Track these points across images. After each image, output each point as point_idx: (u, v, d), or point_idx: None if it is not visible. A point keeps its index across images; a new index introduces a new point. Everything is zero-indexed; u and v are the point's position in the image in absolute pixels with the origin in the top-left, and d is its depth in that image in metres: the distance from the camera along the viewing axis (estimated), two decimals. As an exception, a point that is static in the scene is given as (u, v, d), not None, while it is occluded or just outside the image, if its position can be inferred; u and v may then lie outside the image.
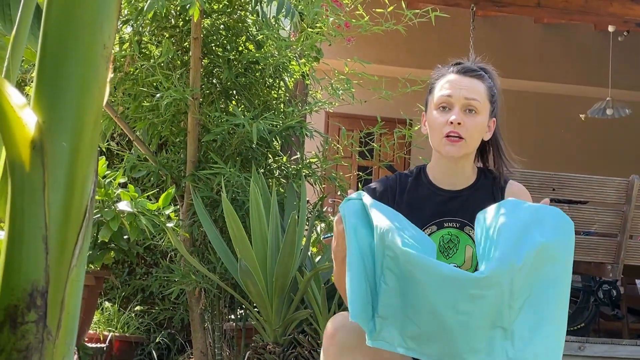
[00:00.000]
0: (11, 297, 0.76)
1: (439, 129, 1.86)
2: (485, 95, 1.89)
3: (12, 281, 0.76)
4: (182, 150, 3.43)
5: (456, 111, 1.85)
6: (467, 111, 1.86)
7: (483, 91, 1.89)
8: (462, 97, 1.86)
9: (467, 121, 1.85)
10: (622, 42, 8.35)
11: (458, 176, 1.93)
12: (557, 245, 1.58)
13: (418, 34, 5.14)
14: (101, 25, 0.81)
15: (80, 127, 0.80)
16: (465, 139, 1.84)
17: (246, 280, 2.86)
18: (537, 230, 1.56)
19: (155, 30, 3.48)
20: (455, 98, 1.86)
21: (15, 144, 0.78)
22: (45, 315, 0.77)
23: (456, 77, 1.90)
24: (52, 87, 0.79)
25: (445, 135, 1.84)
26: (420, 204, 1.91)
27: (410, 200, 1.91)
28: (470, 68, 1.92)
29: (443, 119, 1.86)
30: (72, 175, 0.79)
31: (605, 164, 8.47)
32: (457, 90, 1.86)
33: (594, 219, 4.54)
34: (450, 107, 1.86)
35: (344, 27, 3.61)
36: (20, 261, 0.77)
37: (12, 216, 0.78)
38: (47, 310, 0.77)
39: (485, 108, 1.89)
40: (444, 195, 1.91)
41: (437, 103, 1.89)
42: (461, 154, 1.87)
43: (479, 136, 1.90)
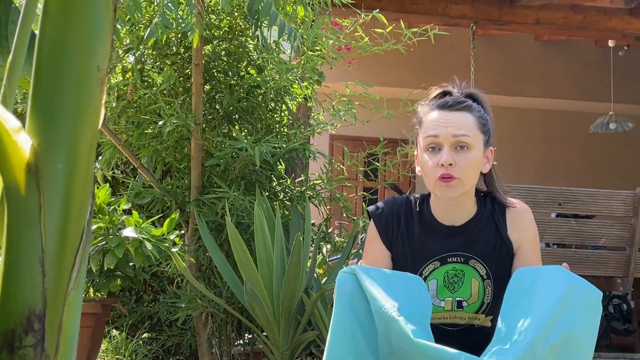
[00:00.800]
0: (8, 321, 0.75)
1: (431, 173, 1.77)
2: (475, 127, 1.78)
3: (9, 305, 0.76)
4: (186, 176, 3.44)
5: (446, 151, 1.74)
6: (458, 148, 1.75)
7: (472, 123, 1.78)
8: (450, 135, 1.75)
9: (459, 159, 1.75)
10: (623, 56, 8.39)
11: (458, 212, 1.85)
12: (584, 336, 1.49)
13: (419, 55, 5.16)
14: (94, 48, 0.82)
15: (76, 149, 0.80)
16: (459, 178, 1.75)
17: (252, 304, 2.85)
18: (566, 315, 1.47)
19: (157, 58, 3.50)
20: (443, 137, 1.75)
21: (11, 168, 0.78)
22: (43, 339, 0.76)
23: (441, 114, 1.78)
24: (46, 110, 0.79)
25: (439, 178, 1.75)
26: (422, 239, 1.85)
27: (413, 235, 1.86)
28: (455, 101, 1.80)
29: (434, 161, 1.76)
30: (68, 198, 0.79)
31: (611, 178, 8.47)
32: (444, 129, 1.75)
33: (602, 233, 4.53)
34: (440, 148, 1.76)
35: (344, 50, 3.63)
36: (17, 285, 0.76)
37: (8, 240, 0.78)
38: (44, 334, 0.77)
39: (477, 141, 1.78)
40: (445, 232, 1.84)
41: (425, 145, 1.79)
42: (458, 194, 1.77)
43: (475, 172, 1.79)
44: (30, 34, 1.02)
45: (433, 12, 5.68)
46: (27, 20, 0.98)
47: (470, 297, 1.82)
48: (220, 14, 3.50)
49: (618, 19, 5.79)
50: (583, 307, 1.50)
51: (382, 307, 1.50)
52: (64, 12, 0.81)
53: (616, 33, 6.09)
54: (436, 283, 1.82)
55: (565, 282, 1.52)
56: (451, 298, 1.82)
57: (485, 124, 1.81)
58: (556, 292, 1.49)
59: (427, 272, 1.83)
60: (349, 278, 1.59)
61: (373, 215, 1.91)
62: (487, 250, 1.82)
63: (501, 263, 1.82)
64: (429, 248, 1.83)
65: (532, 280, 1.55)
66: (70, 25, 0.81)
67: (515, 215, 1.86)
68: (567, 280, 1.52)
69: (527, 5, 5.72)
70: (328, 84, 3.72)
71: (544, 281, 1.52)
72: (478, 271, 1.81)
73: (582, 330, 1.49)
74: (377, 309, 1.51)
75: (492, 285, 1.82)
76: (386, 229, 1.88)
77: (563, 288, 1.50)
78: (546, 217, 4.52)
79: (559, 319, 1.45)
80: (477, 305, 1.83)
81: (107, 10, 0.83)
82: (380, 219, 1.89)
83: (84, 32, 0.82)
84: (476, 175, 1.81)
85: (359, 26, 3.55)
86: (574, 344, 1.46)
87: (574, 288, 1.51)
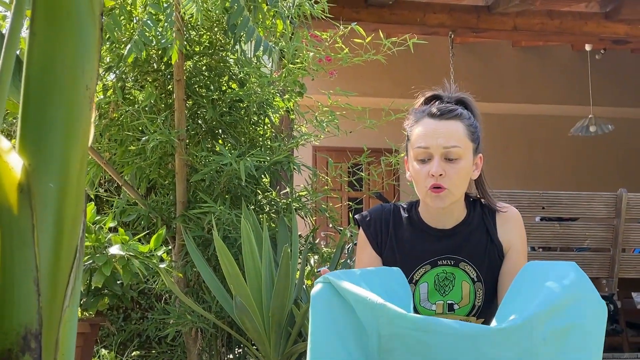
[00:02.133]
0: (5, 342, 0.76)
1: (422, 182, 1.78)
2: (465, 136, 1.78)
3: (4, 325, 0.76)
4: (171, 192, 3.44)
5: (436, 162, 1.75)
6: (448, 160, 1.76)
7: (462, 133, 1.78)
8: (440, 147, 1.75)
9: (449, 170, 1.75)
10: (600, 60, 8.50)
11: (447, 217, 1.86)
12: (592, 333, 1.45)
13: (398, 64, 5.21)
14: (83, 67, 0.82)
15: (67, 167, 0.81)
16: (448, 188, 1.76)
17: (242, 317, 2.85)
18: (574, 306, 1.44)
19: (137, 76, 3.50)
20: (434, 148, 1.76)
21: (3, 188, 0.79)
22: (40, 358, 0.76)
23: (431, 124, 1.78)
24: (36, 130, 0.80)
25: (429, 188, 1.76)
26: (412, 243, 1.86)
27: (403, 239, 1.87)
28: (446, 109, 1.80)
29: (424, 171, 1.77)
30: (60, 216, 0.80)
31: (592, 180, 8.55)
32: (434, 140, 1.76)
33: (586, 235, 4.57)
34: (430, 158, 1.77)
35: (325, 61, 3.65)
36: (12, 304, 0.77)
37: (2, 260, 0.78)
38: (41, 353, 0.77)
39: (467, 150, 1.79)
40: (436, 235, 1.85)
41: (415, 155, 1.80)
42: (447, 204, 1.79)
43: (464, 181, 1.81)
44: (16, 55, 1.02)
45: (412, 22, 5.73)
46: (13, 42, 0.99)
47: (461, 300, 1.83)
48: (200, 30, 3.51)
49: (594, 23, 5.87)
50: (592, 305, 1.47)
51: (366, 298, 1.47)
52: (51, 32, 0.82)
53: (593, 37, 6.17)
54: (427, 286, 1.83)
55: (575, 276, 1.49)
56: (442, 301, 1.83)
57: (474, 131, 1.82)
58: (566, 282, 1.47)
59: (418, 275, 1.84)
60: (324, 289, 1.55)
61: (361, 222, 1.92)
62: (477, 253, 1.83)
63: (491, 266, 1.84)
64: (419, 252, 1.84)
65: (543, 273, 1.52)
66: (57, 45, 0.82)
67: (506, 219, 1.88)
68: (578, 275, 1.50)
69: (504, 13, 5.78)
70: (310, 95, 3.74)
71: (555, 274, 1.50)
72: (468, 274, 1.83)
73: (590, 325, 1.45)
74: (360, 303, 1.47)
75: (482, 288, 1.83)
76: (375, 234, 1.89)
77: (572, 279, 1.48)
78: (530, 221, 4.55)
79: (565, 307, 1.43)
80: (468, 308, 1.84)
81: (93, 30, 0.84)
82: (368, 226, 1.90)
83: (72, 52, 0.82)
84: (465, 184, 1.83)
85: (339, 38, 3.58)
86: (579, 337, 1.43)
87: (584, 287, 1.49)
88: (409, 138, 1.85)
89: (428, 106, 1.85)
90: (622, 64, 8.92)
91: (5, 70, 1.01)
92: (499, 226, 1.86)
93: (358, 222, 1.94)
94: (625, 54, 8.56)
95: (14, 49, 1.04)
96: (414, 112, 1.88)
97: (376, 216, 1.91)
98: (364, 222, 1.91)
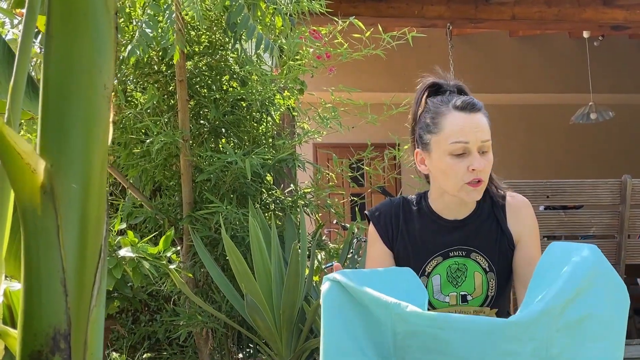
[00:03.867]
0: (35, 343, 0.76)
1: (459, 177, 1.74)
2: (489, 128, 1.78)
3: (34, 326, 0.76)
4: (177, 193, 3.43)
5: (476, 157, 1.72)
6: (482, 152, 1.74)
7: (487, 126, 1.77)
8: (479, 140, 1.73)
9: (484, 163, 1.74)
10: (598, 46, 8.48)
11: (462, 208, 1.84)
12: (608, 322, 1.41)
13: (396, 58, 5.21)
14: (100, 67, 0.82)
15: (89, 167, 0.81)
16: (484, 181, 1.75)
17: (254, 315, 2.85)
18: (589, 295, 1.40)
19: (139, 78, 3.50)
20: (473, 144, 1.72)
21: (26, 190, 0.79)
22: (69, 358, 0.76)
23: (466, 118, 1.75)
24: (57, 131, 0.80)
25: (468, 183, 1.73)
26: (424, 235, 1.84)
27: (414, 232, 1.85)
28: (472, 102, 1.77)
29: (462, 165, 1.73)
30: (84, 216, 0.80)
31: (595, 168, 8.55)
32: (473, 135, 1.73)
33: (591, 222, 4.57)
34: (466, 153, 1.73)
35: (324, 58, 3.65)
36: (40, 306, 0.77)
37: (27, 262, 0.78)
38: (71, 353, 0.77)
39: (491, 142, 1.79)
40: (448, 226, 1.84)
41: (451, 150, 1.74)
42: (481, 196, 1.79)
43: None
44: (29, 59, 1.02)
45: (409, 15, 5.71)
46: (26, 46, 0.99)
47: (474, 291, 1.82)
48: (199, 29, 3.51)
49: (592, 10, 5.85)
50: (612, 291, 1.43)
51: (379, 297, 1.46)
52: (68, 33, 0.81)
53: (591, 24, 6.16)
54: (440, 278, 1.83)
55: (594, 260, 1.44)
56: (455, 293, 1.83)
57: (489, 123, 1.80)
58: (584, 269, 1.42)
59: (430, 268, 1.83)
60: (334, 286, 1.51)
61: (371, 217, 1.91)
62: (488, 243, 1.83)
63: (503, 255, 1.83)
64: (430, 244, 1.83)
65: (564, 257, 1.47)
66: (74, 45, 0.81)
67: (515, 208, 1.87)
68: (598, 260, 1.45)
69: (502, 2, 5.77)
70: (312, 92, 3.74)
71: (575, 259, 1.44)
72: (480, 264, 1.82)
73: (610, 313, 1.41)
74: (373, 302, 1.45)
75: (495, 278, 1.83)
76: (386, 229, 1.88)
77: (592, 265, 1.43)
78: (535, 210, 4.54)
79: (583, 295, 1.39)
80: (481, 299, 1.83)
81: (109, 29, 0.84)
82: (379, 220, 1.89)
83: (89, 52, 0.82)
84: None
85: (338, 33, 3.58)
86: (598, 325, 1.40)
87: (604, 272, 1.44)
88: (433, 131, 1.79)
89: (446, 97, 1.81)
90: (620, 50, 8.91)
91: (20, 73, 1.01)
92: (509, 216, 1.86)
93: (368, 216, 1.93)
94: (623, 39, 8.55)
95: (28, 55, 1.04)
96: (431, 103, 1.83)
97: (386, 210, 1.89)
98: (374, 216, 1.90)
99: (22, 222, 0.79)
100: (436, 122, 1.78)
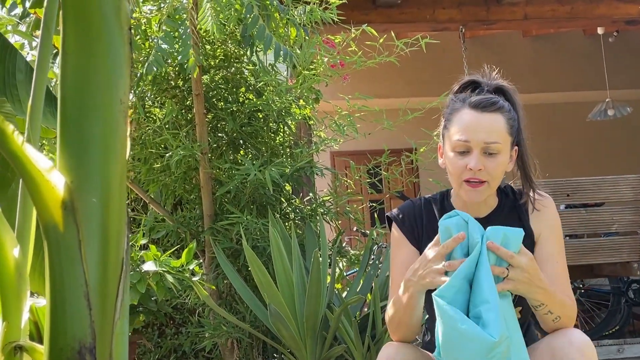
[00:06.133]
0: (61, 357, 0.77)
1: (458, 174, 1.75)
2: (505, 131, 1.73)
3: (60, 341, 0.77)
4: (198, 206, 3.46)
5: (475, 156, 1.71)
6: (487, 154, 1.72)
7: (503, 128, 1.73)
8: (482, 142, 1.71)
9: (488, 164, 1.72)
10: (613, 42, 8.42)
11: (481, 206, 1.83)
12: None
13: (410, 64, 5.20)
14: (116, 82, 0.83)
15: (108, 182, 0.82)
16: (488, 181, 1.73)
17: (277, 325, 2.85)
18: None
19: (156, 93, 3.53)
20: (474, 143, 1.71)
21: (47, 207, 0.80)
22: (96, 371, 0.77)
23: (473, 116, 1.73)
24: (75, 147, 0.81)
25: (465, 181, 1.73)
26: None
27: (436, 230, 1.79)
28: (488, 101, 1.74)
29: (461, 163, 1.73)
30: (105, 230, 0.81)
31: (614, 164, 8.47)
32: (475, 134, 1.71)
33: (613, 219, 4.53)
34: (469, 151, 1.72)
35: (339, 66, 3.66)
36: (65, 320, 0.78)
37: (52, 277, 0.79)
38: (97, 366, 0.78)
39: (506, 145, 1.74)
40: None
41: (453, 146, 1.75)
42: (484, 198, 1.77)
43: (500, 175, 1.77)
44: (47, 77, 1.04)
45: (421, 19, 5.71)
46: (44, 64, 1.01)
47: None
48: (215, 43, 3.53)
49: (605, 5, 5.81)
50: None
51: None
52: (83, 50, 0.83)
53: (605, 19, 6.11)
54: None
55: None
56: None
57: (513, 125, 1.77)
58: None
59: None
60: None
61: (395, 220, 1.89)
62: None
63: None
64: None
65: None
66: (90, 62, 0.83)
67: (537, 206, 1.85)
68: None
69: (513, 2, 5.75)
70: (328, 100, 3.75)
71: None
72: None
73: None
74: None
75: None
76: (411, 230, 1.87)
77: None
78: (556, 209, 4.50)
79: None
80: None
81: (123, 44, 0.85)
82: (403, 223, 1.88)
83: (104, 68, 0.83)
84: (501, 177, 1.79)
85: (352, 41, 3.58)
86: None
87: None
88: (447, 126, 1.80)
89: (467, 94, 1.81)
90: (636, 45, 8.83)
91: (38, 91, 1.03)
92: (531, 214, 1.84)
93: (391, 220, 1.91)
94: (638, 34, 8.48)
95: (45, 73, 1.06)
96: (452, 99, 1.83)
97: (408, 212, 1.89)
98: (398, 219, 1.89)
99: (45, 238, 0.81)
100: (450, 118, 1.80)
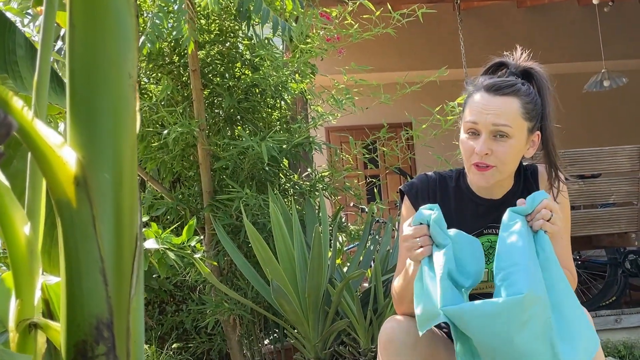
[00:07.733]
0: (79, 333, 0.76)
1: (467, 157, 1.73)
2: (518, 114, 1.70)
3: (77, 317, 0.77)
4: (197, 183, 3.45)
5: (483, 140, 1.69)
6: (497, 137, 1.69)
7: (516, 111, 1.69)
8: (490, 124, 1.68)
9: (497, 148, 1.69)
10: (609, 12, 8.37)
11: (497, 188, 1.81)
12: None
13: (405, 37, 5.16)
14: (124, 56, 0.82)
15: (119, 157, 0.81)
16: (496, 166, 1.70)
17: (280, 300, 2.86)
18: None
19: (152, 70, 3.50)
20: (482, 125, 1.69)
21: (59, 183, 0.79)
22: (114, 347, 0.77)
23: (485, 99, 1.71)
24: (86, 122, 0.80)
25: (473, 164, 1.71)
26: (461, 213, 1.82)
27: (450, 210, 1.81)
28: (503, 84, 1.71)
29: (470, 146, 1.71)
30: (119, 206, 0.80)
31: (611, 135, 8.48)
32: (484, 116, 1.69)
33: (610, 190, 4.54)
34: (478, 133, 1.70)
35: (335, 40, 3.63)
36: (82, 296, 0.77)
37: (67, 254, 0.79)
38: (114, 342, 0.77)
39: (518, 129, 1.70)
40: (485, 205, 1.82)
41: (465, 128, 1.74)
42: (492, 183, 1.74)
43: (514, 159, 1.74)
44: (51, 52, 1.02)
45: (417, -9, 5.66)
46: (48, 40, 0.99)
47: None
48: (210, 17, 3.50)
49: (601, -25, 5.78)
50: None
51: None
52: (90, 23, 0.81)
53: (601, -11, 6.08)
54: None
55: None
56: (487, 269, 1.82)
57: (532, 109, 1.73)
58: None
59: None
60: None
61: (408, 193, 1.87)
62: None
63: None
64: (468, 222, 1.80)
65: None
66: (97, 35, 0.81)
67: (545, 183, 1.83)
68: None
69: (508, -27, 5.71)
70: (325, 74, 3.73)
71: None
72: None
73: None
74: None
75: None
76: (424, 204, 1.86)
77: None
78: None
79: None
80: None
81: (130, 17, 0.84)
82: (416, 196, 1.85)
83: (112, 41, 0.82)
84: (516, 162, 1.77)
85: (348, 14, 3.56)
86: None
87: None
88: (464, 108, 1.79)
89: (489, 76, 1.78)
90: (631, 15, 8.79)
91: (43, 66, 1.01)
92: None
93: (404, 192, 1.90)
94: (634, 4, 8.43)
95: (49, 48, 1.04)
96: (472, 81, 1.81)
97: (422, 186, 1.87)
98: (411, 192, 1.86)
99: (58, 215, 0.80)
100: (467, 100, 1.78)
